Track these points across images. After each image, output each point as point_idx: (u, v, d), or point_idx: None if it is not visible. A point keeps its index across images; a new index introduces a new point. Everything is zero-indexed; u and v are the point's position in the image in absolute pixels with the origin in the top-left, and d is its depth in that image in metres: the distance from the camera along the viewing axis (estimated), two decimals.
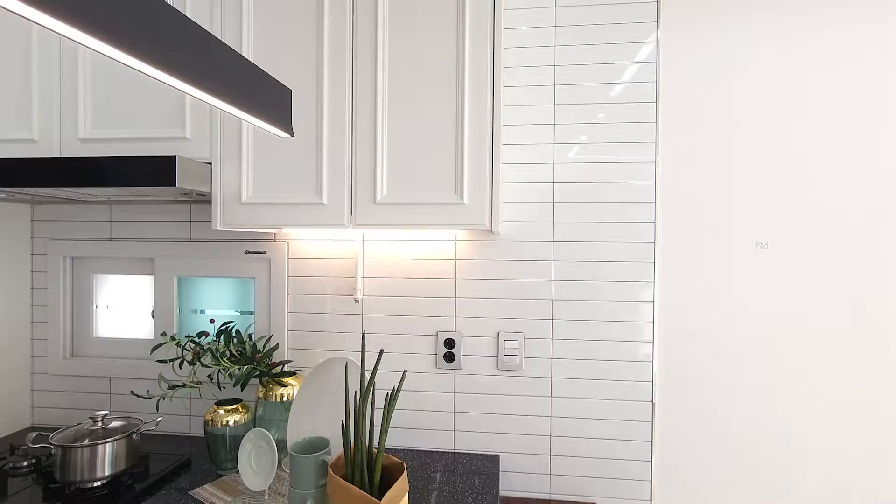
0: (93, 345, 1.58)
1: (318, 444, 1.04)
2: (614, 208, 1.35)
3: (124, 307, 1.59)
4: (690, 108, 1.34)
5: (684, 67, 1.34)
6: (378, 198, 1.12)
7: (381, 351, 0.97)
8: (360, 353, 1.04)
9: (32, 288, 1.57)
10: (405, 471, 0.94)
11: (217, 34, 1.14)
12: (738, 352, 1.34)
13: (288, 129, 0.72)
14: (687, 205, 1.35)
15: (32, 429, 1.53)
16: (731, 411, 1.34)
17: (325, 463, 0.99)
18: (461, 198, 1.09)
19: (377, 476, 0.92)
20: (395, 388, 0.96)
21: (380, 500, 0.86)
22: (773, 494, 1.33)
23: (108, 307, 1.59)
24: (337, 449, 1.06)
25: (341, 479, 0.90)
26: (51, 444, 1.12)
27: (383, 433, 0.94)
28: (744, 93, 1.32)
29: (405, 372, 1.01)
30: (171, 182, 1.04)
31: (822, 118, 1.30)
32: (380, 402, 1.36)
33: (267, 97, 0.65)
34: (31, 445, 1.19)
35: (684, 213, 1.35)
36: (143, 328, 1.58)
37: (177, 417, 1.51)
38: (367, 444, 0.94)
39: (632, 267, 1.35)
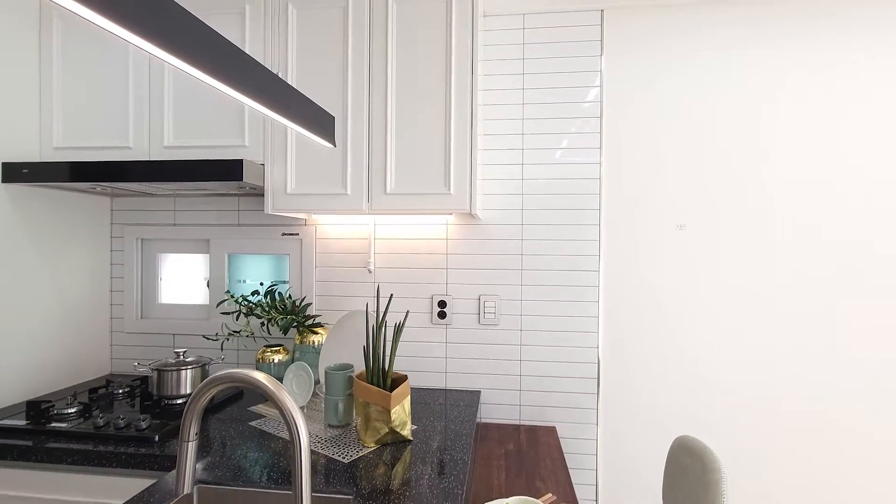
0: (158, 309, 1.99)
1: (345, 367, 1.44)
2: (568, 199, 1.75)
3: (183, 279, 2.00)
4: (627, 120, 1.74)
5: (621, 90, 1.75)
6: (388, 189, 1.52)
7: (391, 295, 1.37)
8: (375, 299, 1.44)
9: (111, 264, 1.98)
10: (407, 379, 1.34)
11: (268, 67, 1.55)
12: (664, 309, 1.74)
13: (332, 141, 1.12)
14: (624, 196, 1.75)
15: (112, 375, 1.93)
16: (656, 354, 1.74)
17: (351, 377, 1.39)
18: (449, 189, 1.49)
19: (388, 381, 1.32)
20: (401, 323, 1.36)
21: (390, 394, 1.26)
22: (683, 412, 1.72)
23: (168, 279, 2.00)
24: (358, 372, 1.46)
25: (364, 382, 1.30)
26: (150, 368, 1.52)
27: (392, 353, 1.34)
28: (667, 106, 1.73)
29: (408, 312, 1.42)
30: (239, 178, 1.45)
31: (723, 125, 1.70)
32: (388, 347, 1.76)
33: (321, 121, 1.05)
34: (136, 369, 1.59)
35: (622, 203, 1.75)
36: (196, 296, 1.99)
37: (228, 365, 1.91)
38: (381, 360, 1.34)
39: (582, 244, 1.75)
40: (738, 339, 1.71)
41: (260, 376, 0.69)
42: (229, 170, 1.45)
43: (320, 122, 1.04)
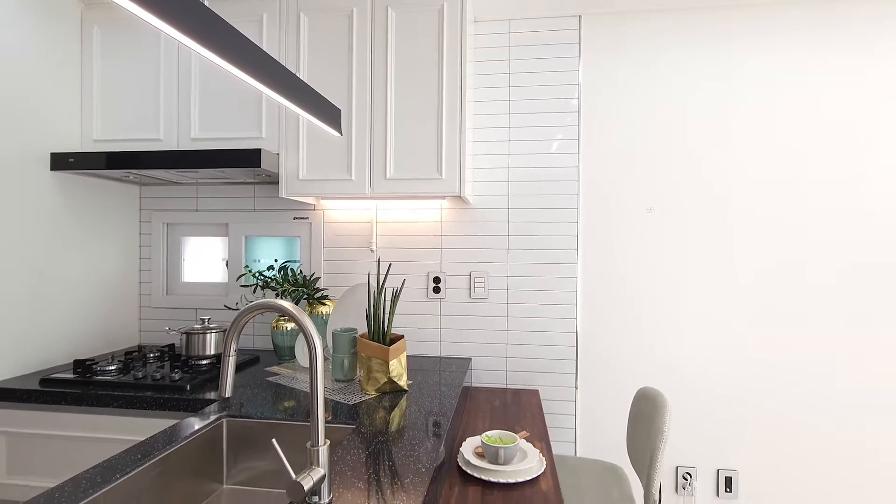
0: (181, 286, 2.20)
1: (350, 330, 1.65)
2: (550, 186, 1.95)
3: (203, 260, 2.21)
4: (602, 115, 1.94)
5: (596, 88, 1.95)
6: (388, 175, 1.73)
7: (390, 265, 1.58)
8: (377, 271, 1.65)
9: (140, 246, 2.20)
10: (403, 338, 1.55)
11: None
12: (635, 284, 1.93)
13: (339, 130, 1.33)
14: (599, 183, 1.95)
15: (141, 345, 2.15)
16: (628, 325, 1.94)
17: (355, 337, 1.60)
18: (441, 174, 1.70)
19: (387, 339, 1.53)
20: (398, 290, 1.57)
21: (389, 348, 1.47)
22: (651, 374, 1.92)
23: (190, 259, 2.21)
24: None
25: (366, 339, 1.51)
26: (180, 332, 1.73)
27: (391, 315, 1.54)
28: (638, 102, 1.93)
29: (404, 280, 1.62)
30: (257, 164, 1.66)
31: (688, 118, 1.90)
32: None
33: (329, 112, 1.26)
34: (168, 332, 1.80)
35: (597, 189, 1.95)
36: (216, 275, 2.20)
37: (244, 337, 2.12)
38: (381, 322, 1.54)
39: (562, 226, 1.95)
40: (700, 310, 1.90)
41: (285, 303, 0.89)
42: (249, 157, 1.67)
43: (329, 112, 1.25)
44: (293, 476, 0.82)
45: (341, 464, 1.03)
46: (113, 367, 1.66)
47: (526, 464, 1.23)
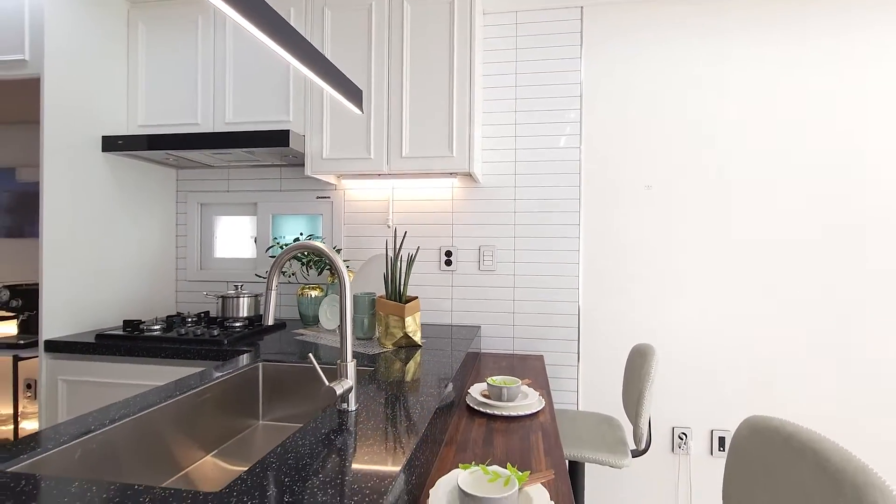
0: (214, 262, 2.40)
1: (369, 293, 1.81)
2: (553, 165, 2.10)
3: (234, 237, 2.40)
4: (603, 98, 2.08)
5: (598, 74, 2.09)
6: (403, 153, 1.90)
7: (406, 232, 1.74)
8: (394, 236, 1.81)
9: (177, 224, 2.40)
10: (418, 298, 1.71)
11: None
12: (633, 257, 2.07)
13: (360, 108, 1.50)
14: (600, 162, 2.09)
15: (178, 312, 2.35)
16: (626, 294, 2.07)
17: (374, 298, 1.76)
18: (452, 152, 1.86)
19: (403, 299, 1.69)
20: (413, 255, 1.73)
21: (404, 305, 1.63)
22: (650, 338, 2.05)
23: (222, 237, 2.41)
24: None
25: (384, 299, 1.67)
26: (216, 296, 1.92)
27: (406, 277, 1.70)
28: (636, 86, 2.06)
29: (418, 248, 1.78)
30: (286, 144, 1.84)
31: (683, 101, 2.03)
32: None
33: (352, 90, 1.42)
34: (205, 297, 1.99)
35: (598, 168, 2.09)
36: (245, 251, 2.39)
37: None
38: (398, 283, 1.70)
39: (565, 202, 2.09)
40: (696, 280, 2.03)
41: (321, 245, 1.05)
42: (278, 138, 1.85)
43: (352, 91, 1.42)
44: (326, 382, 0.98)
45: (364, 388, 1.20)
46: (157, 327, 1.85)
47: (526, 402, 1.38)
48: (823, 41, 1.95)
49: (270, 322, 1.09)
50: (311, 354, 1.00)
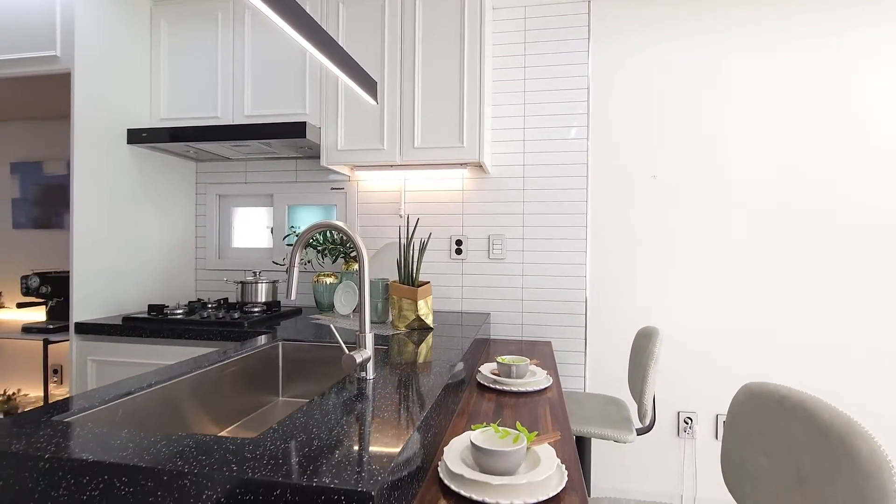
0: (231, 251, 2.48)
1: (382, 279, 1.88)
2: (561, 156, 2.15)
3: (250, 228, 2.48)
4: (610, 91, 2.13)
5: (604, 67, 2.14)
6: (416, 144, 1.96)
7: (418, 220, 1.80)
8: (406, 224, 1.88)
9: (196, 215, 2.48)
10: (430, 283, 1.77)
11: None
12: (638, 245, 2.12)
13: (375, 98, 1.56)
14: (607, 153, 2.14)
15: (198, 300, 2.43)
16: (632, 281, 2.12)
17: (387, 283, 1.83)
18: (462, 143, 1.92)
19: (416, 283, 1.75)
20: (425, 241, 1.79)
21: (417, 289, 1.69)
22: (655, 324, 2.09)
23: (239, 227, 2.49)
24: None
25: (398, 283, 1.74)
26: (235, 282, 2.00)
27: (419, 263, 1.77)
28: (642, 79, 2.11)
29: (430, 234, 1.84)
30: (303, 136, 1.91)
31: (684, 94, 2.07)
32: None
33: (367, 80, 1.49)
34: (225, 283, 2.07)
35: (605, 158, 2.14)
36: (261, 241, 2.47)
37: (284, 295, 2.38)
38: (410, 268, 1.77)
39: (572, 192, 2.14)
40: (700, 267, 2.07)
41: (339, 222, 1.12)
42: (295, 129, 1.92)
43: (368, 81, 1.48)
44: (346, 351, 1.05)
45: (380, 363, 1.26)
46: (180, 311, 1.93)
47: (535, 379, 1.44)
48: (830, 37, 1.98)
49: (293, 297, 1.15)
50: (332, 325, 1.07)
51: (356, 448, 0.72)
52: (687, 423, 2.07)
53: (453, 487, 0.81)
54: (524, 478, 0.80)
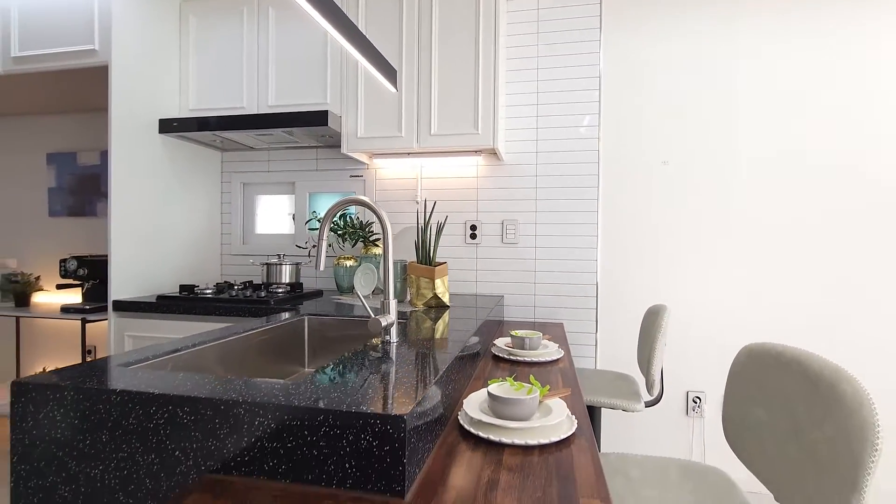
0: (255, 237, 2.59)
1: (401, 260, 1.96)
2: (573, 143, 2.21)
3: (273, 215, 2.59)
4: (621, 80, 2.19)
5: (616, 58, 2.19)
6: (432, 131, 2.04)
7: (435, 203, 1.88)
8: (423, 208, 1.96)
9: (221, 203, 2.60)
10: (446, 263, 1.85)
11: None
12: (648, 229, 2.17)
13: (395, 86, 1.64)
14: (618, 140, 2.19)
15: (225, 281, 2.54)
16: (642, 265, 2.18)
17: (405, 265, 1.92)
18: (477, 130, 1.99)
19: (433, 263, 1.84)
20: (442, 223, 1.87)
21: (434, 268, 1.77)
22: (661, 303, 2.15)
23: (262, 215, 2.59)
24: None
25: (416, 263, 1.82)
26: (261, 264, 2.10)
27: (436, 244, 1.85)
28: (652, 69, 2.16)
29: (447, 216, 1.92)
30: (325, 124, 2.00)
31: (695, 83, 2.12)
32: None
33: (387, 68, 1.57)
34: (251, 263, 2.18)
35: (616, 145, 2.20)
36: (283, 227, 2.57)
37: (307, 279, 2.48)
38: (427, 249, 1.85)
39: (584, 178, 2.21)
40: (709, 250, 2.12)
41: (365, 198, 1.20)
42: (318, 118, 2.02)
43: (388, 69, 1.57)
44: (372, 315, 1.14)
45: (401, 333, 1.35)
46: (209, 290, 2.04)
47: (547, 351, 1.51)
48: (825, 24, 2.02)
49: (321, 268, 1.24)
50: (358, 291, 1.16)
51: (386, 389, 0.80)
52: (696, 403, 2.13)
53: (472, 431, 0.89)
54: (537, 422, 0.88)
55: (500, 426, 0.88)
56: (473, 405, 0.97)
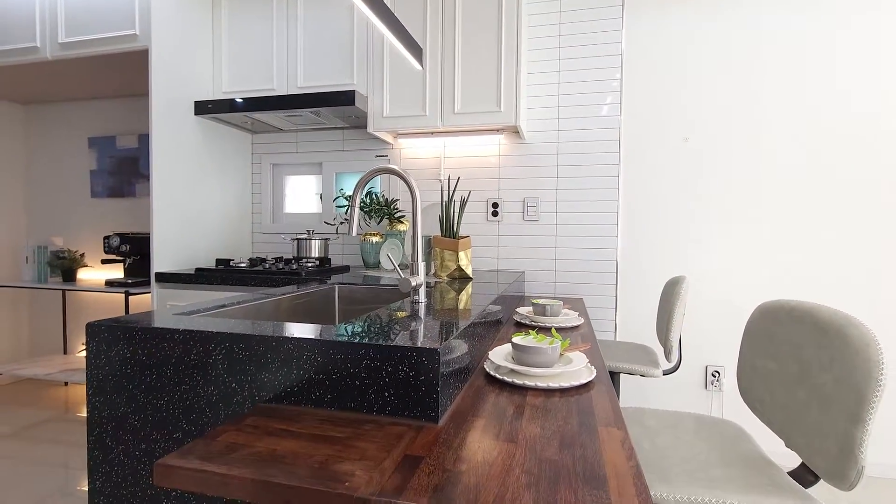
0: (283, 216, 2.69)
1: (425, 235, 2.03)
2: (594, 121, 2.24)
3: (301, 195, 2.69)
4: (643, 58, 2.20)
5: (637, 36, 2.20)
6: (456, 110, 2.09)
7: (458, 178, 1.94)
8: (447, 184, 2.02)
9: (252, 183, 2.70)
10: (469, 237, 1.92)
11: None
12: (668, 204, 2.19)
13: (420, 63, 1.70)
14: (638, 118, 2.21)
15: (257, 257, 2.66)
16: (661, 241, 2.20)
17: (429, 239, 1.99)
18: (500, 108, 2.04)
19: (457, 237, 1.90)
20: (465, 198, 1.93)
21: (457, 241, 1.84)
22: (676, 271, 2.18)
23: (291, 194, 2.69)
24: None
25: (440, 237, 1.89)
26: (291, 238, 2.20)
27: (459, 218, 1.91)
28: (675, 47, 2.17)
29: (470, 192, 1.98)
30: (352, 103, 2.07)
31: (718, 59, 2.12)
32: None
33: (414, 46, 1.63)
34: (283, 239, 2.28)
35: (637, 123, 2.22)
36: (311, 206, 2.67)
37: (334, 255, 2.58)
38: (452, 223, 1.91)
39: (605, 156, 2.23)
40: (729, 226, 2.14)
41: (397, 167, 1.27)
42: (346, 98, 2.09)
43: (414, 47, 1.62)
44: (402, 275, 1.21)
45: (427, 299, 1.42)
46: (244, 264, 2.15)
47: (567, 318, 1.57)
48: (845, 9, 1.99)
49: (354, 233, 1.32)
50: (388, 254, 1.23)
51: (418, 333, 0.88)
52: (714, 377, 2.16)
53: (497, 376, 0.96)
54: (559, 369, 0.95)
55: (524, 372, 0.95)
56: (499, 355, 1.04)
